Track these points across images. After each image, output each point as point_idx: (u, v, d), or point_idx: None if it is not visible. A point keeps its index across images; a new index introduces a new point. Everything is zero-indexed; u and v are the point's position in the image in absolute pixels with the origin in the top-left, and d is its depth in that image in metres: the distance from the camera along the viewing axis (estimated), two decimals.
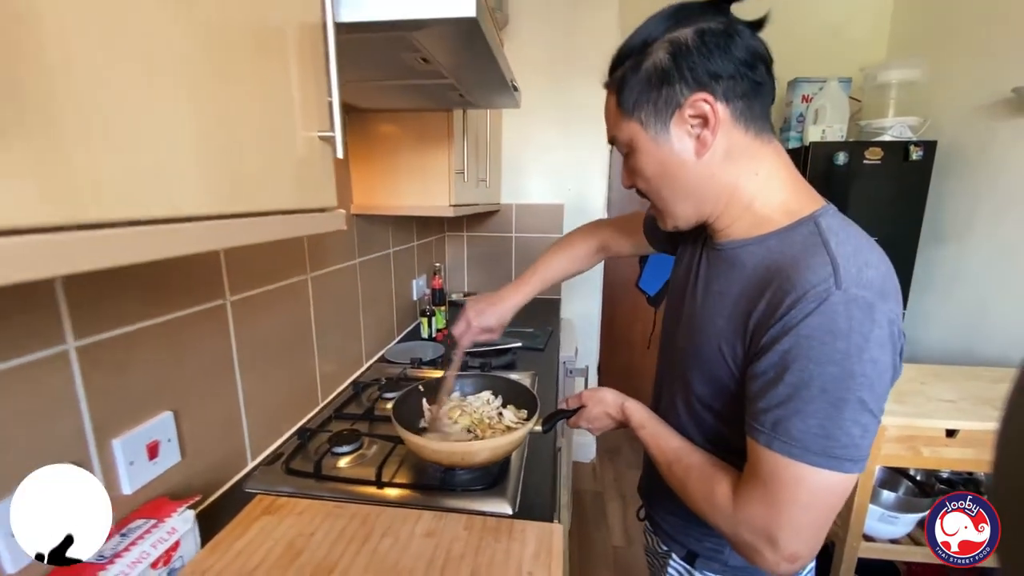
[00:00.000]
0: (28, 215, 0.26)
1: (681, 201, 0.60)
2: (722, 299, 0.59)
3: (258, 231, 0.48)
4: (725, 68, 0.53)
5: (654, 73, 0.55)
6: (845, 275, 0.47)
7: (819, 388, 0.47)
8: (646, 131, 0.57)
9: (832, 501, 0.49)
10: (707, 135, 0.54)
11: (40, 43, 0.27)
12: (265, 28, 0.47)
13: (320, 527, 0.72)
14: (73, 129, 0.29)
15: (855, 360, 0.46)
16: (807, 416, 0.48)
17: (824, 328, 0.47)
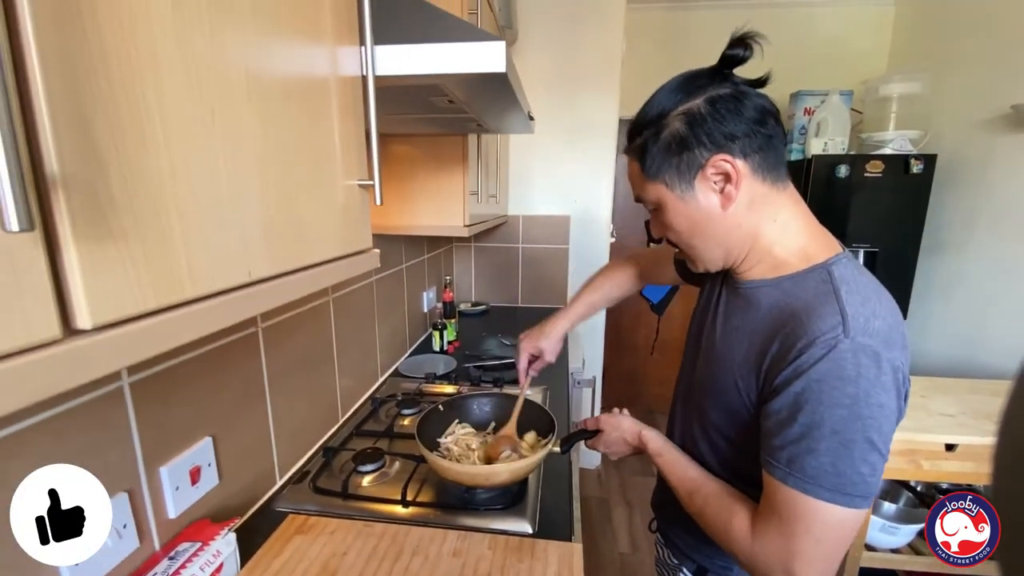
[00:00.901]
0: (141, 304, 0.30)
1: (712, 249, 0.64)
2: (739, 334, 0.64)
3: (312, 282, 0.51)
4: (739, 128, 0.58)
5: (673, 141, 0.60)
6: (853, 324, 0.51)
7: (830, 429, 0.51)
8: (672, 191, 0.62)
9: (843, 534, 0.53)
10: (731, 190, 0.59)
11: (150, 155, 0.30)
12: (315, 91, 0.51)
13: (352, 546, 0.76)
14: (175, 219, 0.32)
15: (863, 404, 0.50)
16: (819, 455, 0.51)
17: (834, 374, 0.51)
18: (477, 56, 0.61)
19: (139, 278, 0.30)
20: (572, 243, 2.35)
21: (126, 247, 0.29)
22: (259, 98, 0.41)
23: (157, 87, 0.31)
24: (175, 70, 0.32)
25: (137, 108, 0.29)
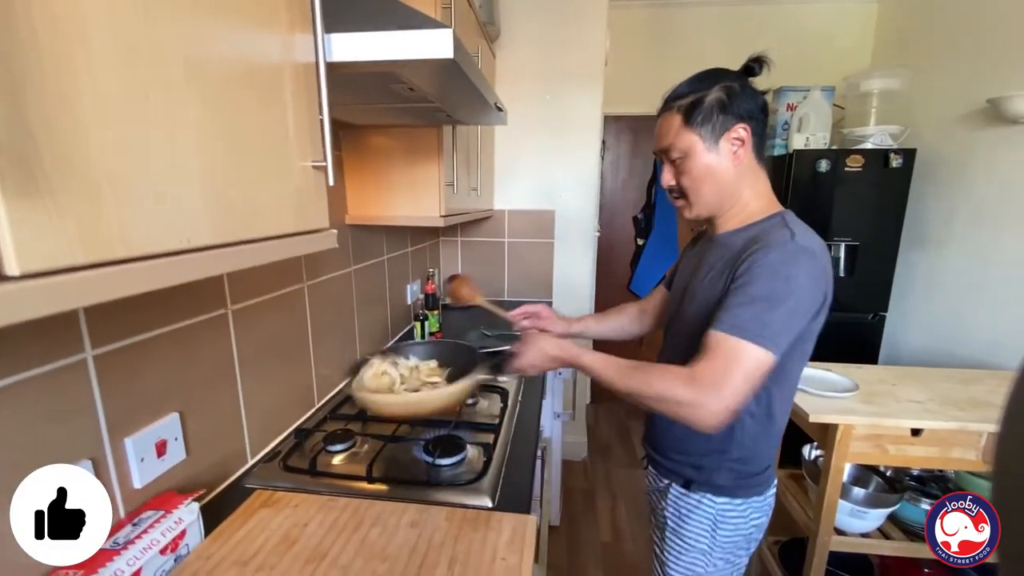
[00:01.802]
0: (69, 257, 0.33)
1: (712, 195, 0.83)
2: (714, 271, 0.83)
3: (259, 255, 0.54)
4: (754, 111, 0.79)
5: (716, 105, 0.79)
6: (799, 237, 0.74)
7: (765, 294, 0.71)
8: (703, 142, 0.80)
9: (756, 369, 0.70)
10: (742, 152, 0.80)
11: (79, 126, 0.33)
12: (265, 75, 0.53)
13: (314, 518, 0.79)
14: (105, 187, 0.35)
15: (794, 282, 0.71)
16: (751, 310, 0.71)
17: (779, 260, 0.72)
18: (425, 43, 0.64)
19: (68, 235, 0.33)
20: (557, 238, 2.38)
21: (55, 206, 0.32)
22: (199, 80, 0.44)
23: (88, 66, 0.34)
24: (106, 51, 0.35)
25: (67, 84, 0.32)
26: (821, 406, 1.36)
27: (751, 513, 0.89)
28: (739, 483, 0.87)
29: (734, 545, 0.90)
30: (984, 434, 1.31)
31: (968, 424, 1.29)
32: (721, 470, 0.87)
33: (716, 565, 0.91)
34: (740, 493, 0.88)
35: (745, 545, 0.92)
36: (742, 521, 0.89)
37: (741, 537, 0.90)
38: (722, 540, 0.89)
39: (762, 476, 0.89)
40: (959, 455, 1.33)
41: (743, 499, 0.88)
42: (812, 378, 1.53)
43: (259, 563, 0.69)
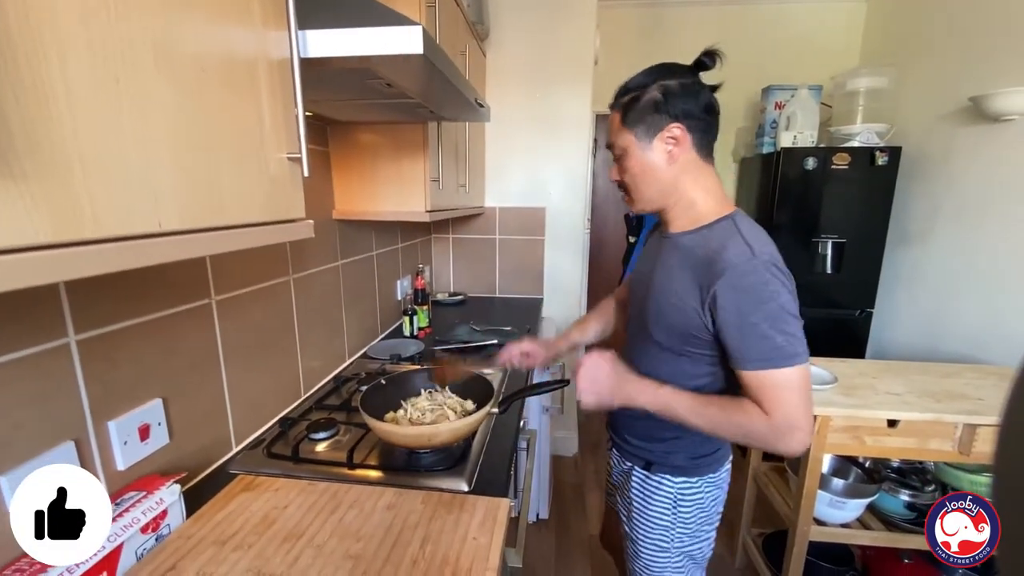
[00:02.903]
0: (39, 235, 0.35)
1: (651, 192, 0.86)
2: (672, 270, 0.85)
3: (233, 241, 0.57)
4: (693, 111, 0.80)
5: (650, 104, 0.80)
6: (756, 250, 0.75)
7: (768, 320, 0.73)
8: (638, 141, 0.83)
9: (808, 385, 0.74)
10: (676, 151, 0.81)
11: (50, 108, 0.36)
12: (239, 68, 0.56)
13: (293, 501, 0.81)
14: (76, 168, 0.38)
15: (777, 295, 0.73)
16: (771, 339, 0.73)
17: (756, 283, 0.74)
18: (395, 39, 0.66)
19: (38, 214, 0.35)
20: (548, 234, 2.41)
21: (26, 186, 0.34)
22: (170, 68, 0.46)
23: (58, 48, 0.36)
24: (77, 41, 0.37)
25: (38, 65, 0.35)
26: None
27: (707, 489, 0.96)
28: (694, 463, 0.94)
29: (695, 520, 0.97)
30: (960, 425, 1.33)
31: (943, 415, 1.31)
32: (678, 453, 0.94)
33: (682, 540, 0.97)
34: (696, 472, 0.94)
35: (708, 521, 0.98)
36: (700, 497, 0.96)
37: (701, 512, 0.97)
38: (683, 516, 0.96)
39: (715, 455, 0.95)
40: (936, 446, 1.36)
41: (699, 477, 0.95)
42: None
43: (237, 542, 0.71)
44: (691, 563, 1.00)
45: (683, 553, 0.98)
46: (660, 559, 0.99)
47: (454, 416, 0.99)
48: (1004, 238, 1.81)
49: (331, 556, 0.69)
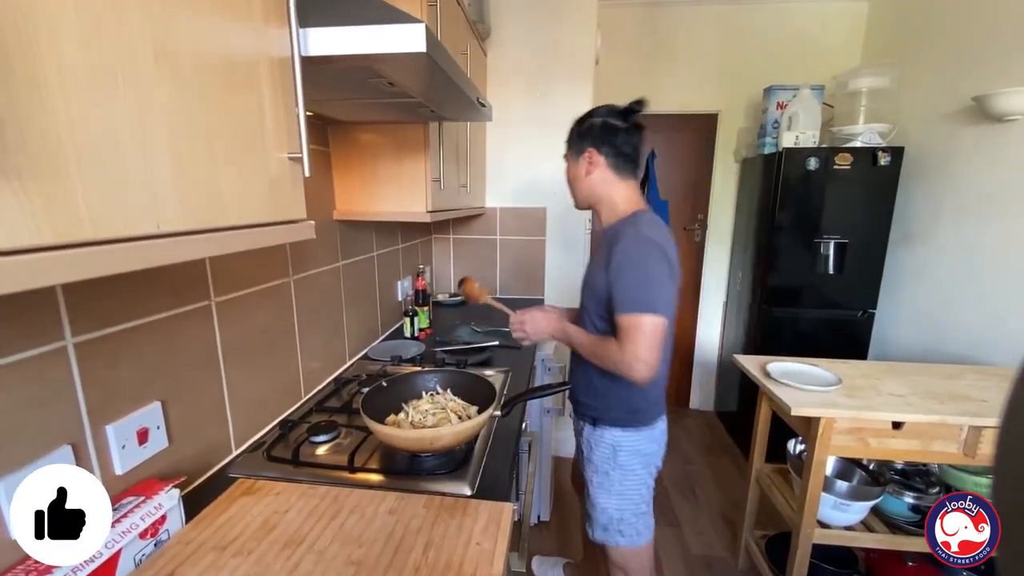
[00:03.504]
0: (36, 237, 0.34)
1: (580, 193, 1.20)
2: (598, 255, 1.14)
3: (233, 242, 0.56)
4: (608, 140, 1.12)
5: (576, 135, 1.17)
6: (645, 231, 1.05)
7: (636, 279, 1.01)
8: (572, 158, 1.19)
9: (658, 332, 1.00)
10: (591, 168, 1.15)
11: (46, 107, 0.35)
12: (239, 67, 0.55)
13: (294, 506, 0.80)
14: (73, 168, 0.37)
15: (651, 264, 1.02)
16: (636, 292, 1.01)
17: (634, 251, 1.03)
18: (398, 37, 0.65)
19: (35, 214, 0.34)
20: (549, 235, 2.40)
21: (20, 185, 0.33)
22: (170, 66, 0.45)
23: (54, 45, 0.35)
24: (72, 30, 0.36)
25: (33, 62, 0.34)
26: (803, 399, 1.38)
27: (641, 441, 1.19)
28: (629, 417, 1.17)
29: (630, 467, 1.20)
30: (964, 427, 1.33)
31: (948, 417, 1.31)
32: (615, 408, 1.18)
33: (624, 483, 1.20)
34: (631, 424, 1.18)
35: (642, 468, 1.21)
36: (634, 444, 1.18)
37: (636, 460, 1.19)
38: (622, 462, 1.19)
39: (647, 412, 1.18)
40: (940, 448, 1.35)
41: (634, 429, 1.18)
42: (796, 372, 1.55)
43: (237, 548, 0.70)
44: (629, 506, 1.22)
45: (622, 496, 1.21)
46: (602, 498, 1.23)
47: (456, 419, 0.98)
48: (1007, 239, 1.80)
49: (332, 562, 0.68)
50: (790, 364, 1.61)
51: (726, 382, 3.03)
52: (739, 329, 2.79)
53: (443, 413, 1.00)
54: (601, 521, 1.24)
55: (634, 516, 1.23)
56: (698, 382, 3.24)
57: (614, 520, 1.22)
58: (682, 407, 3.30)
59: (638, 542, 1.25)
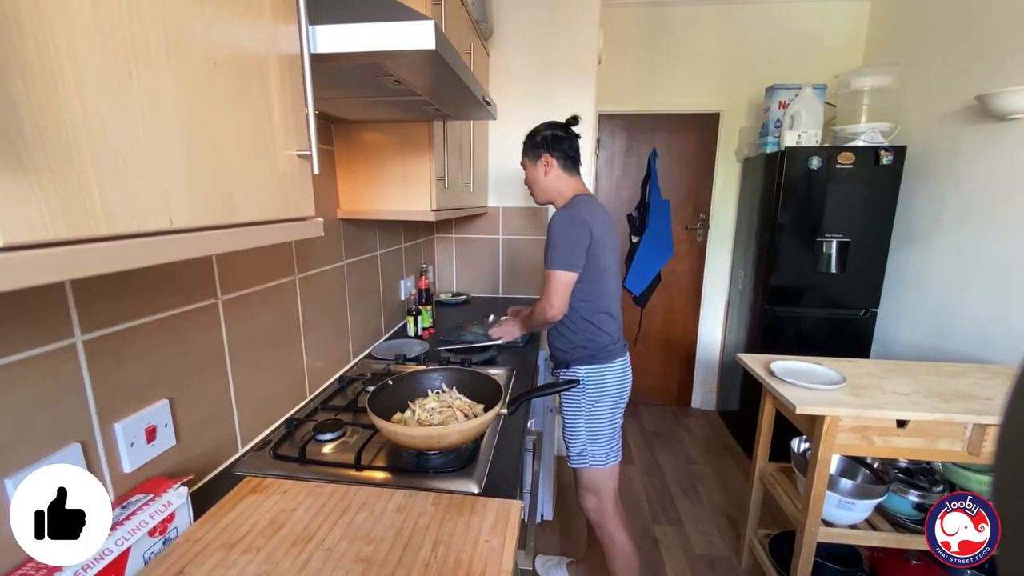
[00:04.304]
0: (51, 231, 0.34)
1: (540, 192, 1.47)
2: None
3: (244, 239, 0.55)
4: (557, 148, 1.42)
5: (535, 142, 1.43)
6: (576, 208, 1.36)
7: (553, 243, 1.32)
8: (531, 163, 1.45)
9: (563, 284, 1.33)
10: (548, 169, 1.43)
11: (60, 100, 0.35)
12: (249, 64, 0.55)
13: (302, 503, 0.80)
14: (87, 162, 0.36)
15: (570, 232, 1.32)
16: (557, 253, 1.32)
17: (559, 222, 1.33)
18: (408, 34, 0.65)
19: (50, 209, 0.34)
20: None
21: (36, 180, 0.33)
22: (183, 62, 0.45)
23: (70, 39, 0.35)
24: (88, 26, 0.36)
25: (49, 57, 0.34)
26: (808, 398, 1.38)
27: (605, 375, 1.42)
28: (590, 355, 1.42)
29: (598, 398, 1.42)
30: (969, 426, 1.33)
31: (953, 416, 1.31)
32: (576, 349, 1.43)
33: (592, 410, 1.43)
34: (594, 361, 1.42)
35: (608, 400, 1.43)
36: (599, 378, 1.42)
37: (603, 393, 1.42)
38: (591, 393, 1.42)
39: (604, 351, 1.42)
40: (945, 446, 1.35)
41: (598, 365, 1.42)
42: (800, 371, 1.55)
43: (246, 546, 0.70)
44: (599, 431, 1.43)
45: (591, 422, 1.43)
46: (576, 425, 1.45)
47: (463, 417, 0.98)
48: (1010, 238, 1.81)
49: (342, 560, 0.68)
50: (794, 363, 1.61)
51: (728, 382, 3.03)
52: (741, 328, 2.79)
53: (449, 411, 1.00)
54: (576, 447, 1.46)
55: (604, 439, 1.44)
56: (700, 382, 3.24)
57: (587, 444, 1.44)
58: (684, 406, 3.30)
59: (606, 463, 1.46)
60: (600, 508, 1.50)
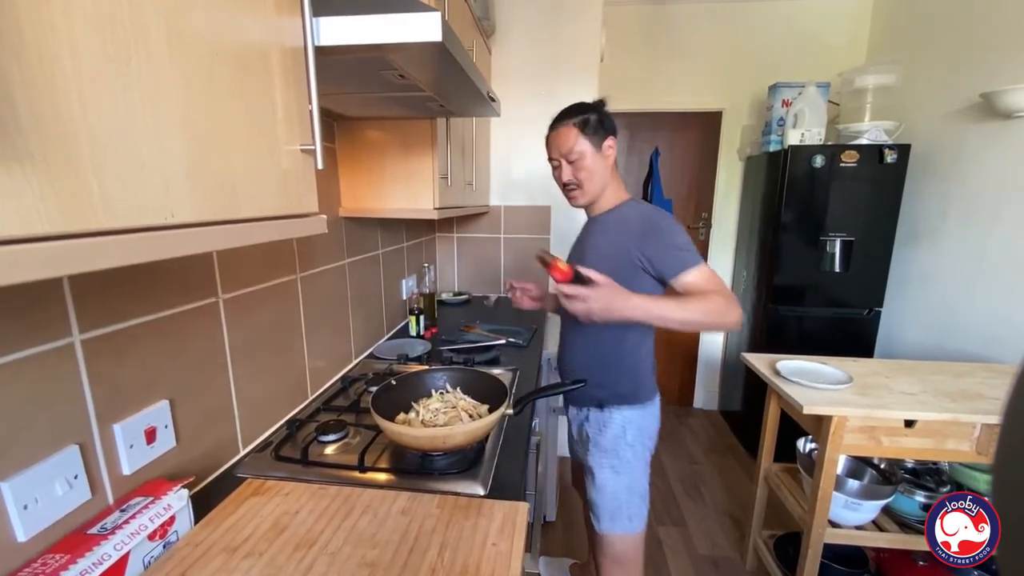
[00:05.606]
0: (47, 225, 0.33)
1: (595, 185, 1.17)
2: (601, 239, 1.18)
3: (246, 235, 0.54)
4: (616, 129, 1.18)
5: (597, 124, 1.14)
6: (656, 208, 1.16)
7: (677, 241, 1.08)
8: (593, 147, 1.14)
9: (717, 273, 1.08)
10: (613, 154, 1.18)
11: (58, 87, 0.33)
12: (252, 56, 0.53)
13: (304, 506, 0.78)
14: (85, 153, 0.35)
15: (677, 227, 1.11)
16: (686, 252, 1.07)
17: (662, 220, 1.12)
18: (414, 26, 0.64)
19: (45, 201, 0.32)
20: (553, 232, 2.38)
21: (32, 170, 0.32)
22: (183, 52, 0.44)
23: (68, 25, 0.33)
24: (87, 16, 0.35)
25: (46, 43, 0.32)
26: (814, 398, 1.36)
27: (646, 417, 1.21)
28: (635, 390, 1.20)
29: (638, 444, 1.21)
30: (977, 425, 1.31)
31: (961, 415, 1.29)
32: (621, 385, 1.20)
33: (628, 461, 1.21)
34: (636, 400, 1.20)
35: (643, 447, 1.22)
36: (640, 421, 1.21)
37: (642, 438, 1.22)
38: (630, 439, 1.20)
39: (647, 386, 1.23)
40: (953, 446, 1.34)
41: (640, 405, 1.20)
42: (806, 371, 1.54)
43: (248, 549, 0.69)
44: (637, 487, 1.22)
45: (632, 477, 1.21)
46: (612, 481, 1.21)
47: (467, 417, 0.96)
48: (1016, 236, 1.79)
49: (346, 564, 0.66)
50: (800, 362, 1.60)
51: (730, 381, 3.02)
52: (744, 328, 2.78)
53: (453, 412, 0.98)
54: (609, 508, 1.22)
55: (639, 498, 1.23)
56: (702, 381, 3.23)
57: (623, 505, 1.21)
58: (686, 406, 3.28)
59: (638, 528, 1.25)
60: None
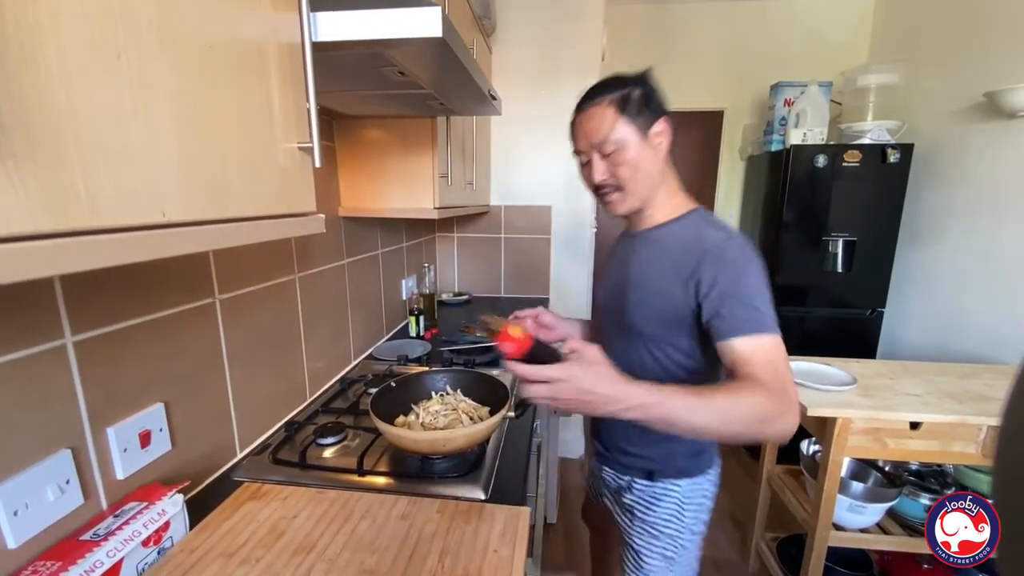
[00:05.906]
0: (32, 224, 0.31)
1: (643, 185, 0.84)
2: (651, 263, 0.87)
3: (240, 235, 0.52)
4: (666, 110, 0.83)
5: (642, 101, 0.81)
6: (732, 233, 0.81)
7: (752, 289, 0.74)
8: (637, 132, 0.81)
9: (786, 355, 0.72)
10: (666, 142, 0.84)
11: (44, 82, 0.32)
12: (247, 51, 0.52)
13: (303, 511, 0.77)
14: (71, 150, 0.34)
15: (756, 269, 0.77)
16: (756, 307, 0.73)
17: (740, 258, 0.77)
18: (414, 21, 0.63)
19: (30, 199, 0.31)
20: (554, 233, 2.37)
21: (15, 167, 0.30)
22: (175, 46, 0.42)
23: (52, 17, 0.32)
24: (73, 8, 0.33)
25: (29, 35, 0.31)
26: (819, 399, 1.35)
27: (707, 488, 0.96)
28: (694, 462, 0.93)
29: (697, 522, 0.96)
30: (983, 427, 1.30)
31: (967, 417, 1.28)
32: (677, 454, 0.92)
33: (684, 546, 0.95)
34: (697, 471, 0.94)
35: (704, 520, 0.98)
36: (701, 497, 0.95)
37: (701, 515, 0.96)
38: (688, 520, 0.94)
39: (709, 451, 0.95)
40: (959, 448, 1.32)
41: (700, 475, 0.94)
42: (810, 372, 1.52)
43: (244, 555, 0.67)
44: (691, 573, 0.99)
45: (688, 564, 0.97)
46: (662, 572, 0.95)
47: (468, 420, 0.95)
48: (1019, 236, 1.78)
49: (344, 570, 0.65)
50: (803, 363, 1.58)
51: None
52: None
53: (454, 414, 0.97)
54: None
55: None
56: None
57: None
58: None
59: None
60: None
